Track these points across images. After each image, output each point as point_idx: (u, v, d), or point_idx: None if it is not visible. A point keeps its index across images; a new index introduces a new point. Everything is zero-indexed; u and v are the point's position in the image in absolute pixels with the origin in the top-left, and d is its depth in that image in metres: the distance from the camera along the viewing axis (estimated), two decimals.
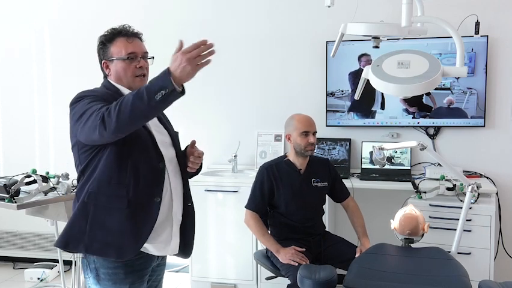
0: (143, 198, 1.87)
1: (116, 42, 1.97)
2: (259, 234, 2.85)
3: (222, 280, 3.55)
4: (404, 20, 2.10)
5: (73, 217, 1.89)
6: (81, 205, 1.87)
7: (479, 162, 3.52)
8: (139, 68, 1.97)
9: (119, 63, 1.96)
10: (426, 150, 2.60)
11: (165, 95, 1.61)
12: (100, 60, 2.02)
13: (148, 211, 1.88)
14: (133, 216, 1.85)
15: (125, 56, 1.95)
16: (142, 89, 1.66)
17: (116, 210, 1.85)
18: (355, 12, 2.44)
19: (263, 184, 2.87)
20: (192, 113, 3.89)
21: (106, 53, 1.99)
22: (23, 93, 4.25)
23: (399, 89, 2.10)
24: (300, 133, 2.83)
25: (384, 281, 2.18)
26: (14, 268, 4.22)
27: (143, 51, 2.00)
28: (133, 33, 2.00)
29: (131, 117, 1.66)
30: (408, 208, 2.65)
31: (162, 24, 3.87)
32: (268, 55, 3.84)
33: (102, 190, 1.85)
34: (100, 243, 1.85)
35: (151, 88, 1.63)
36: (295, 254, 2.70)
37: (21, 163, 3.81)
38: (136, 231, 1.86)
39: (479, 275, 2.78)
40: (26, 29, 4.19)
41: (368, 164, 3.59)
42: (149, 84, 1.66)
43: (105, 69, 2.00)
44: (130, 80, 1.97)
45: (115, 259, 1.87)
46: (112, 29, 2.00)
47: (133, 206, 1.85)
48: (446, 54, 3.41)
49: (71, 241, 1.88)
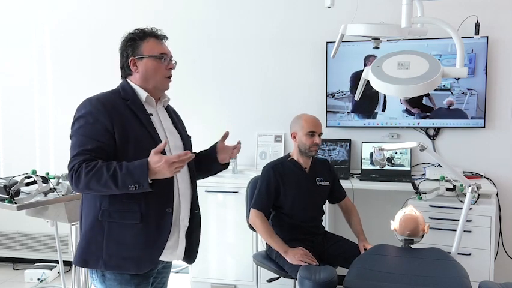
0: (156, 211, 1.88)
1: (149, 41, 1.96)
2: (267, 235, 2.81)
3: (222, 281, 3.55)
4: (404, 20, 2.10)
5: (88, 234, 1.90)
6: (96, 222, 1.88)
7: (479, 163, 3.52)
8: (169, 69, 1.98)
9: (150, 61, 1.94)
10: (427, 151, 2.59)
11: (138, 188, 1.74)
12: (126, 58, 1.97)
13: (160, 223, 1.89)
14: (147, 229, 1.87)
15: (158, 55, 1.95)
16: (117, 174, 1.73)
17: (130, 225, 1.86)
18: (355, 13, 2.43)
19: (270, 183, 2.85)
20: (192, 113, 3.88)
21: (136, 50, 1.95)
22: (23, 93, 4.24)
23: (400, 90, 2.10)
24: (307, 133, 2.83)
25: (384, 282, 2.18)
26: (14, 269, 4.22)
27: (171, 55, 2.02)
28: (163, 35, 2.02)
29: (98, 191, 1.80)
30: (408, 209, 2.65)
31: (162, 24, 3.86)
32: (268, 56, 3.85)
33: (115, 207, 1.86)
34: (117, 258, 1.86)
35: (126, 180, 1.73)
36: (304, 254, 2.68)
37: (21, 164, 3.82)
38: (151, 244, 1.88)
39: (479, 276, 2.78)
40: (26, 30, 4.19)
41: (368, 165, 3.59)
42: (126, 173, 1.73)
43: (132, 66, 1.96)
44: (159, 80, 1.97)
45: (135, 273, 1.89)
46: (141, 29, 1.99)
47: (145, 219, 1.86)
48: (446, 55, 3.41)
49: (90, 258, 1.89)
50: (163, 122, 2.01)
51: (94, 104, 1.87)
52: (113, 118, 1.85)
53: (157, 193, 1.84)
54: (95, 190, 1.80)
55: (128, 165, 1.75)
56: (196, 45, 3.92)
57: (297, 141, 2.87)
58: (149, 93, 1.96)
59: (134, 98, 1.94)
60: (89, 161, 1.79)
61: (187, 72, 3.94)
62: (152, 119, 1.95)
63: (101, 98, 1.91)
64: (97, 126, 1.83)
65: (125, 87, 1.97)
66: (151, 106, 1.99)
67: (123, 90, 1.96)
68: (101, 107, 1.86)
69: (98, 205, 1.87)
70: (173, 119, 2.10)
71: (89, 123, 1.84)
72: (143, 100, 1.96)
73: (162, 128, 1.97)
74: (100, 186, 1.76)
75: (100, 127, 1.83)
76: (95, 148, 1.81)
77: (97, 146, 1.81)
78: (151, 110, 1.98)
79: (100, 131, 1.83)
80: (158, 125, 1.97)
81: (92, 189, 1.79)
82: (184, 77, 3.93)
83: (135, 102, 1.93)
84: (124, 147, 1.85)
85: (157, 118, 1.99)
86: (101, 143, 1.82)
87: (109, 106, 1.87)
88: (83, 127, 1.85)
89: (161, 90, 2.02)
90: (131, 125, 1.87)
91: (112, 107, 1.87)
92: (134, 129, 1.87)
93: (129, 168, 1.74)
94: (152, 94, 1.98)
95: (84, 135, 1.83)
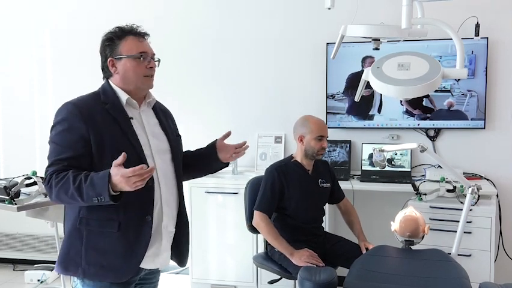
0: (134, 219, 1.84)
1: (127, 40, 1.89)
2: (272, 238, 2.78)
3: (222, 282, 3.54)
4: (404, 22, 2.09)
5: (68, 240, 1.87)
6: (75, 230, 1.84)
7: (479, 164, 3.52)
8: (149, 68, 1.91)
9: (129, 61, 1.88)
10: (427, 152, 2.59)
11: (100, 201, 1.69)
12: (105, 58, 1.92)
13: (139, 231, 1.85)
14: (125, 238, 1.82)
15: (137, 54, 1.88)
16: (82, 186, 1.69)
17: (108, 234, 1.82)
18: (355, 14, 2.43)
19: (274, 184, 2.83)
20: (192, 113, 3.89)
21: (114, 50, 1.89)
22: (24, 93, 4.25)
23: (400, 91, 2.10)
24: (316, 137, 2.82)
25: (384, 283, 2.18)
26: (14, 270, 4.22)
27: (152, 52, 1.95)
28: (143, 33, 1.94)
29: (68, 202, 1.79)
30: (408, 210, 2.65)
31: (163, 25, 3.87)
32: (268, 57, 3.85)
33: (93, 215, 1.82)
34: (96, 266, 1.83)
35: (89, 192, 1.69)
36: (310, 256, 2.67)
37: (22, 165, 3.81)
38: (130, 253, 1.84)
39: (480, 277, 2.78)
40: (26, 30, 4.19)
41: (368, 166, 3.59)
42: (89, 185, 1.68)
43: (110, 67, 1.90)
44: (138, 80, 1.90)
45: (113, 281, 1.85)
46: (120, 27, 1.92)
47: (123, 228, 1.82)
48: (446, 56, 3.41)
49: (71, 265, 1.86)
50: (146, 125, 1.93)
51: (70, 109, 1.81)
52: (89, 125, 1.79)
53: (136, 201, 1.80)
54: (66, 202, 1.79)
55: (92, 176, 1.70)
56: (197, 46, 3.92)
57: (304, 144, 2.86)
58: (131, 95, 1.90)
59: (114, 101, 1.87)
60: (61, 171, 1.75)
61: (188, 73, 3.94)
62: (134, 122, 1.88)
63: (78, 103, 1.84)
64: (72, 133, 1.78)
65: (106, 89, 1.91)
66: (133, 108, 1.92)
67: (104, 92, 1.90)
68: (77, 112, 1.80)
69: (77, 212, 1.83)
70: (160, 119, 2.02)
71: (64, 130, 1.79)
72: (123, 103, 1.89)
73: (144, 132, 1.90)
74: (68, 198, 1.73)
75: (75, 135, 1.78)
76: (69, 158, 1.77)
77: (71, 155, 1.77)
78: (133, 113, 1.91)
79: (75, 139, 1.78)
80: (140, 129, 1.90)
81: (63, 200, 1.77)
82: (185, 78, 3.95)
83: (115, 106, 1.86)
84: (101, 155, 1.79)
85: (139, 121, 1.92)
86: (75, 151, 1.77)
87: (86, 112, 1.81)
88: (58, 134, 1.80)
89: (143, 90, 1.95)
90: (109, 132, 1.81)
91: (89, 112, 1.81)
92: (112, 135, 1.81)
93: (93, 179, 1.69)
94: (134, 95, 1.91)
95: (59, 144, 1.79)
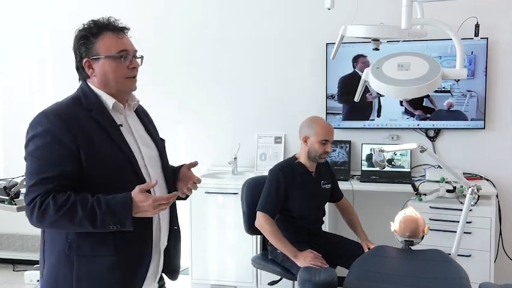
0: (132, 240, 1.62)
1: (104, 37, 1.67)
2: (276, 239, 2.76)
3: (222, 282, 3.54)
4: (403, 22, 2.09)
5: (55, 268, 1.64)
6: (63, 257, 1.62)
7: (479, 164, 3.52)
8: (131, 69, 1.70)
9: (107, 62, 1.66)
10: (426, 152, 2.59)
11: (119, 228, 1.52)
12: (80, 58, 1.70)
13: (140, 251, 1.66)
14: (124, 261, 1.63)
15: (116, 54, 1.67)
16: (96, 212, 1.49)
17: (103, 259, 1.61)
18: (355, 15, 2.43)
19: (279, 185, 2.81)
20: (192, 114, 3.89)
21: (90, 49, 1.67)
22: (24, 94, 4.24)
23: (399, 91, 2.10)
24: (320, 140, 2.81)
25: (384, 283, 2.18)
26: (13, 270, 4.21)
27: (134, 50, 1.72)
28: (122, 27, 1.73)
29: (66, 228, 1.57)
30: (408, 210, 2.65)
31: (163, 25, 3.87)
32: (268, 57, 3.85)
33: (83, 238, 1.59)
34: None
35: (106, 220, 1.50)
36: (314, 257, 2.66)
37: (22, 165, 3.80)
38: (130, 277, 1.65)
39: (479, 277, 2.78)
40: (26, 30, 4.19)
41: (368, 166, 3.59)
42: (106, 211, 1.49)
43: (87, 69, 1.68)
44: (119, 82, 1.68)
45: None
46: (95, 22, 1.70)
47: (121, 250, 1.61)
48: (446, 57, 3.41)
49: None
50: (134, 132, 1.74)
51: (51, 119, 1.58)
52: (76, 136, 1.56)
53: None
54: (63, 228, 1.58)
55: (108, 201, 1.51)
56: (197, 46, 3.91)
57: (307, 145, 2.85)
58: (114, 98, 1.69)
59: (99, 106, 1.66)
60: (53, 192, 1.52)
61: (188, 73, 3.94)
62: (123, 130, 1.69)
63: (59, 112, 1.61)
64: (57, 147, 1.55)
65: (87, 92, 1.68)
66: (119, 113, 1.72)
67: (84, 96, 1.67)
68: (60, 123, 1.57)
69: (64, 236, 1.60)
70: (145, 123, 1.83)
71: (47, 143, 1.55)
72: (110, 108, 1.68)
73: (134, 140, 1.71)
74: (72, 224, 1.52)
75: (61, 148, 1.55)
76: (57, 175, 1.53)
77: (59, 172, 1.54)
78: (121, 119, 1.71)
79: (62, 153, 1.55)
80: (130, 137, 1.70)
81: (60, 227, 1.57)
82: (185, 78, 3.95)
83: (101, 112, 1.65)
84: (92, 169, 1.57)
85: (128, 128, 1.72)
86: (63, 167, 1.54)
87: (70, 121, 1.58)
88: (41, 148, 1.56)
89: (126, 93, 1.74)
90: (99, 142, 1.60)
91: (74, 121, 1.59)
92: (102, 146, 1.60)
93: (109, 205, 1.50)
94: (117, 98, 1.70)
95: (42, 159, 1.55)
